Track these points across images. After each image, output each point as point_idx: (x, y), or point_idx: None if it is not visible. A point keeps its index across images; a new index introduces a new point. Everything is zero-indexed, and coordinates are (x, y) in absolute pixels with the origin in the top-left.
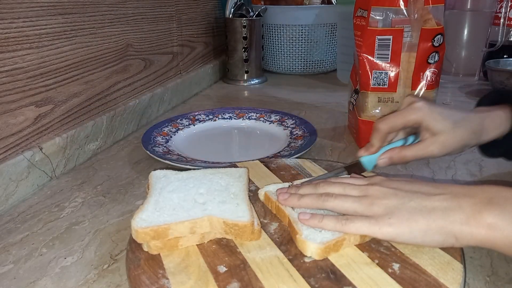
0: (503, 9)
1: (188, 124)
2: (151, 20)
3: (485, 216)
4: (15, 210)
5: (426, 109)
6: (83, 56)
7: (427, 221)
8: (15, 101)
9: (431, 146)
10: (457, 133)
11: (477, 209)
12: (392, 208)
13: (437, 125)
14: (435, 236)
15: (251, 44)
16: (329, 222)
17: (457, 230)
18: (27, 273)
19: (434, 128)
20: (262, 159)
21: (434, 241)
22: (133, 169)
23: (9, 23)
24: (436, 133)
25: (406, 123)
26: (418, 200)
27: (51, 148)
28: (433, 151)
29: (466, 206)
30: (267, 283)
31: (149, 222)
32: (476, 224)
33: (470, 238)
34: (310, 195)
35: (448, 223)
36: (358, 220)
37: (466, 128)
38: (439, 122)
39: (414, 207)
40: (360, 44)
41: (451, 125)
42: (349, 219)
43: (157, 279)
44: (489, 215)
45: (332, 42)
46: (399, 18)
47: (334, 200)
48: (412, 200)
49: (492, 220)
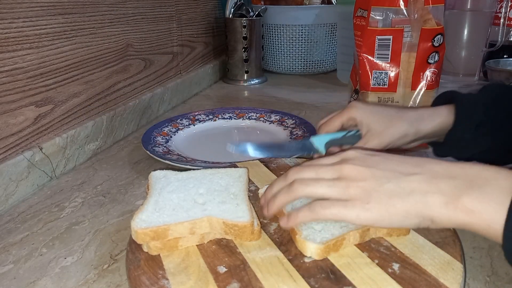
0: (503, 9)
1: (188, 124)
2: (151, 20)
3: (464, 200)
4: (15, 210)
5: (360, 107)
6: (83, 56)
7: (405, 205)
8: (15, 101)
9: (369, 139)
10: (392, 124)
11: (456, 192)
12: (370, 191)
13: (371, 119)
14: (412, 220)
15: (251, 44)
16: (304, 214)
17: (435, 213)
18: (27, 273)
19: (368, 122)
20: (262, 159)
21: (411, 224)
22: (133, 169)
23: (9, 23)
24: (371, 126)
25: (343, 121)
26: (395, 181)
27: (51, 148)
28: (374, 143)
29: (445, 189)
30: (267, 283)
31: (148, 223)
32: (455, 208)
33: (447, 222)
34: (281, 190)
35: (426, 207)
36: (333, 205)
37: (402, 119)
38: (372, 116)
39: (391, 189)
40: (360, 44)
41: (385, 117)
42: (323, 206)
43: (157, 280)
44: (468, 199)
45: (332, 42)
46: (399, 18)
47: (306, 188)
48: (390, 181)
49: (471, 204)
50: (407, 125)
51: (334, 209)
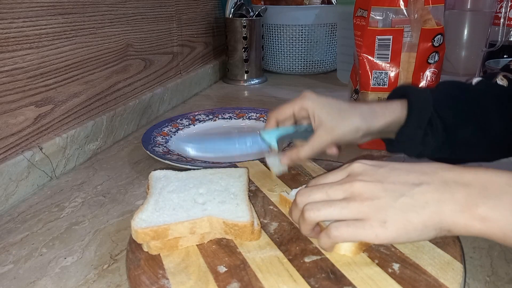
0: (503, 9)
1: (188, 124)
2: (151, 20)
3: (480, 208)
4: (15, 210)
5: (313, 98)
6: (83, 56)
7: (422, 218)
8: (15, 101)
9: (321, 134)
10: (344, 118)
11: (471, 201)
12: (385, 208)
13: (323, 111)
14: (430, 232)
15: (251, 44)
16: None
17: (451, 223)
18: (27, 273)
19: (320, 114)
20: (262, 159)
21: (429, 237)
22: (133, 169)
23: (9, 23)
24: (323, 120)
25: (294, 110)
26: (408, 194)
27: (51, 148)
28: (326, 138)
29: (459, 197)
30: (267, 283)
31: (148, 223)
32: (470, 217)
33: (464, 231)
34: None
35: (443, 218)
36: (349, 227)
37: (354, 113)
38: (324, 108)
39: (406, 203)
40: (360, 44)
41: (337, 111)
42: (339, 229)
43: (157, 279)
44: (484, 207)
45: (332, 42)
46: (399, 18)
47: (319, 213)
48: (403, 194)
49: (487, 213)
50: (359, 120)
51: (352, 230)
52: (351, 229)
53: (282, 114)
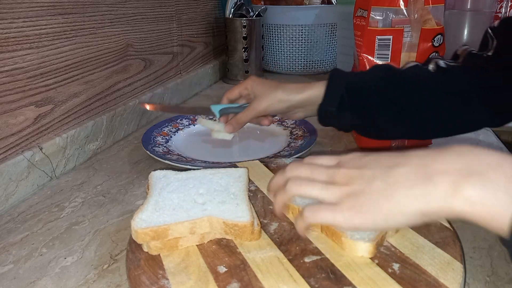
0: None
1: (188, 124)
2: (151, 20)
3: (464, 188)
4: (15, 210)
5: (253, 79)
6: (83, 56)
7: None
8: (15, 101)
9: (254, 104)
10: (272, 92)
11: (456, 187)
12: (358, 194)
13: (258, 87)
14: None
15: (251, 44)
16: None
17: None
18: (27, 273)
19: (255, 90)
20: (262, 159)
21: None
22: (133, 169)
23: (9, 23)
24: (256, 93)
25: (240, 90)
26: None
27: (51, 148)
28: (257, 107)
29: (443, 187)
30: (267, 283)
31: (148, 223)
32: (456, 201)
33: (447, 213)
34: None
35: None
36: (321, 210)
37: (280, 88)
38: (259, 85)
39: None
40: (360, 44)
41: (267, 87)
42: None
43: (157, 280)
44: (469, 186)
45: (332, 42)
46: (399, 18)
47: (299, 188)
48: (377, 178)
49: (472, 193)
50: (282, 93)
51: (322, 213)
52: (323, 213)
53: (231, 94)
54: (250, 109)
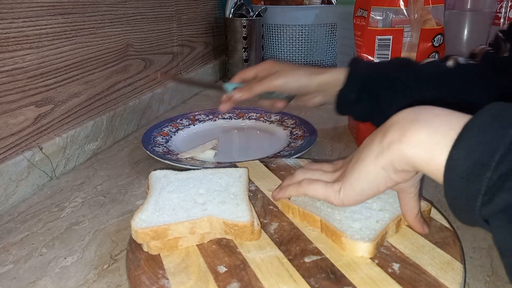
0: (503, 9)
1: (188, 124)
2: (151, 20)
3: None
4: (15, 210)
5: (272, 60)
6: (83, 56)
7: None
8: (15, 101)
9: (273, 78)
10: (292, 70)
11: (402, 132)
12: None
13: (277, 66)
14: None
15: (251, 44)
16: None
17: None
18: (27, 273)
19: (274, 68)
20: (262, 159)
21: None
22: (133, 169)
23: (9, 23)
24: (277, 69)
25: (257, 70)
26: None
27: (51, 148)
28: (276, 81)
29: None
30: (267, 283)
31: (148, 223)
32: (402, 145)
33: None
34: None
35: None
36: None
37: (301, 68)
38: (279, 64)
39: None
40: (360, 44)
41: (288, 66)
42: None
43: (157, 279)
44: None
45: (332, 42)
46: (399, 18)
47: (309, 186)
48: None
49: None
50: (302, 73)
51: (319, 186)
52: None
53: (246, 73)
54: (266, 81)
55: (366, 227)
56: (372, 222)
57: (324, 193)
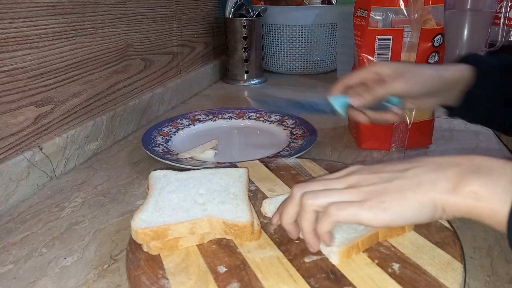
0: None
1: (188, 124)
2: (151, 20)
3: (471, 184)
4: (15, 210)
5: (384, 62)
6: (83, 56)
7: (417, 196)
8: (15, 101)
9: (396, 82)
10: (418, 69)
11: (463, 178)
12: (381, 190)
13: (399, 65)
14: (426, 211)
15: (251, 44)
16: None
17: (445, 200)
18: (27, 273)
19: (397, 68)
20: (262, 159)
21: (426, 217)
22: (133, 169)
23: (9, 23)
24: (400, 71)
25: (366, 76)
26: (403, 176)
27: (51, 148)
28: (399, 86)
29: (452, 175)
30: (267, 283)
31: (148, 223)
32: (462, 193)
33: (456, 209)
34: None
35: (437, 194)
36: (350, 206)
37: (427, 67)
38: (400, 64)
39: (401, 183)
40: (360, 44)
41: (411, 65)
42: (339, 207)
43: (157, 280)
44: (475, 183)
45: (332, 42)
46: (399, 18)
47: (316, 199)
48: (397, 177)
49: (478, 188)
50: (431, 70)
51: (351, 209)
52: (352, 209)
53: (351, 79)
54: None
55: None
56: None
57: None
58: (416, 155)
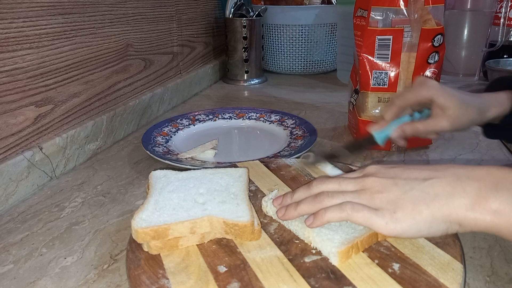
0: (503, 9)
1: (188, 124)
2: (151, 20)
3: (490, 201)
4: (15, 210)
5: (438, 87)
6: (83, 56)
7: (431, 210)
8: (15, 101)
9: (441, 120)
10: (465, 109)
11: (482, 194)
12: (395, 200)
13: (447, 101)
14: (440, 226)
15: (251, 44)
16: (333, 213)
17: (462, 216)
18: (27, 273)
19: (444, 104)
20: (262, 159)
21: (439, 231)
22: (133, 169)
23: (9, 23)
24: (446, 108)
25: (419, 99)
26: (419, 187)
27: (51, 148)
28: (444, 125)
29: (470, 190)
30: (267, 283)
31: (149, 222)
32: (481, 210)
33: (474, 225)
34: (306, 199)
35: (452, 210)
36: (365, 210)
37: (473, 105)
38: (449, 98)
39: (416, 196)
40: (360, 44)
41: (460, 101)
42: (355, 208)
43: (157, 279)
44: (495, 200)
45: (332, 42)
46: (399, 18)
47: (331, 199)
48: (413, 188)
49: (498, 206)
50: (476, 114)
51: (366, 213)
52: (367, 214)
53: (407, 102)
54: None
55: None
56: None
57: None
58: (416, 155)
